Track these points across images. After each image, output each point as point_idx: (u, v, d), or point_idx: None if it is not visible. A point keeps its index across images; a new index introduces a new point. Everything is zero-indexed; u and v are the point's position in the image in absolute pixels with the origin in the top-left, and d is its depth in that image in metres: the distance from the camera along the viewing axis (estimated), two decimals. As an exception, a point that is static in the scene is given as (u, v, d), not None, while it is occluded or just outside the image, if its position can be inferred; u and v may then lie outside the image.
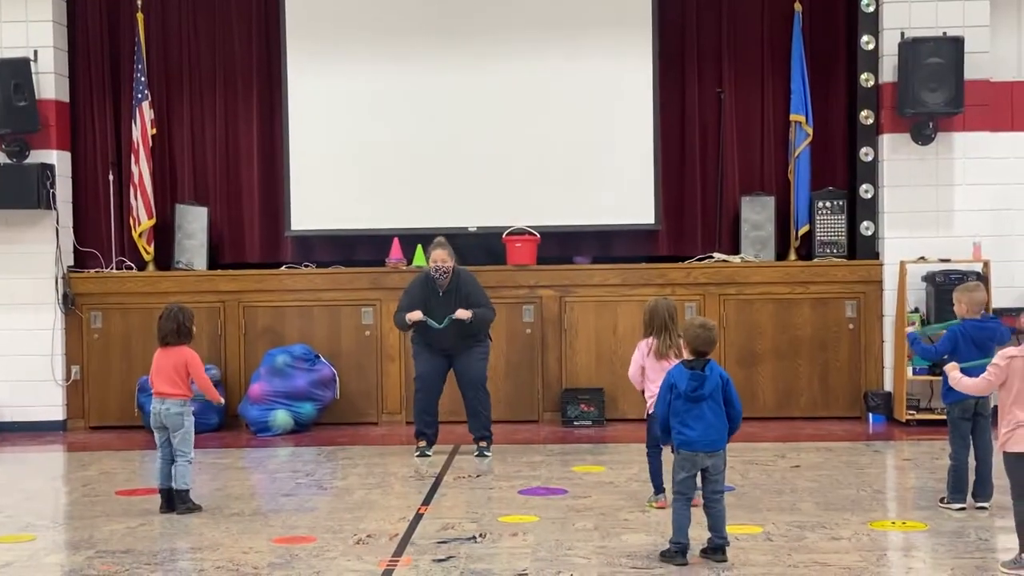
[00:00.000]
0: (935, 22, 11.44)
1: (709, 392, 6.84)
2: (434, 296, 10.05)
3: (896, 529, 7.60)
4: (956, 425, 8.17)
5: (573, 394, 11.70)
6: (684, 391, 6.85)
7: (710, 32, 12.43)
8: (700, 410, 6.85)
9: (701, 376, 6.85)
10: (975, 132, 11.54)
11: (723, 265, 11.91)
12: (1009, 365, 6.65)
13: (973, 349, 8.02)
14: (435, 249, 10.10)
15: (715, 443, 6.86)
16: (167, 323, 8.31)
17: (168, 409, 8.23)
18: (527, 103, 12.08)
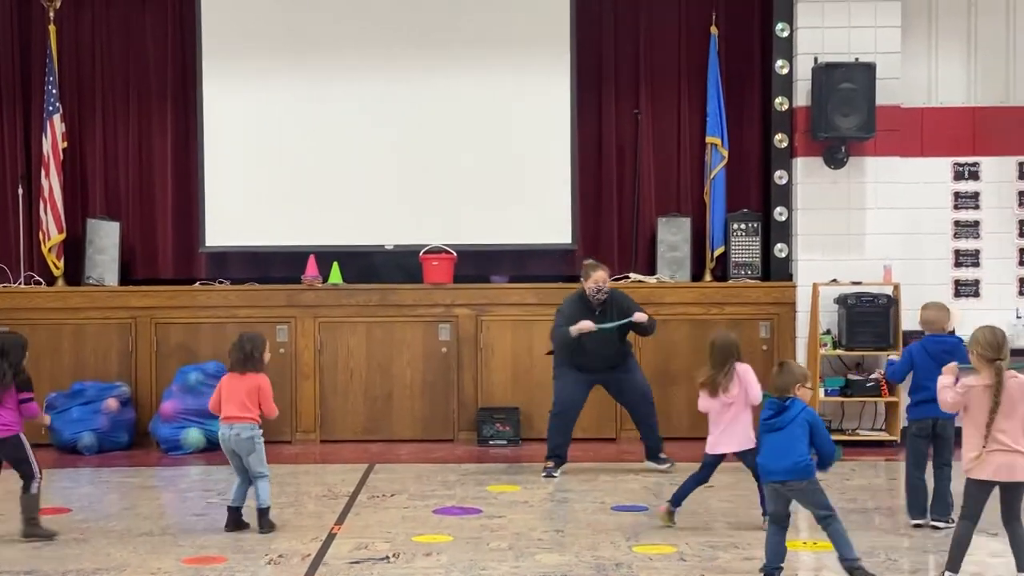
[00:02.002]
0: (848, 48, 11.61)
1: (786, 424, 6.86)
2: (590, 315, 10.03)
3: (807, 549, 7.67)
4: (911, 442, 8.29)
5: (489, 413, 11.68)
6: (763, 419, 6.94)
7: (627, 54, 12.51)
8: (778, 441, 6.86)
9: (781, 406, 6.90)
10: (886, 157, 11.72)
11: (639, 285, 11.96)
12: (967, 394, 6.70)
13: (933, 365, 8.05)
14: (596, 271, 10.13)
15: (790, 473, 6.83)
16: (236, 351, 8.28)
17: (238, 434, 8.16)
18: (445, 121, 12.07)
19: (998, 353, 6.60)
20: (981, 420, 6.62)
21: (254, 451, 8.19)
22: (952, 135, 12.02)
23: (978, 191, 12.03)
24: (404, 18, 12.09)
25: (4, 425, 8.00)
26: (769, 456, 6.93)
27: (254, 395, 8.21)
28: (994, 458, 6.61)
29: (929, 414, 8.10)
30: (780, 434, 6.88)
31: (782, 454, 6.86)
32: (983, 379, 6.65)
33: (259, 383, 8.24)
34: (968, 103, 12.04)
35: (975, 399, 6.66)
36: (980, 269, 12.03)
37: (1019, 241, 12.03)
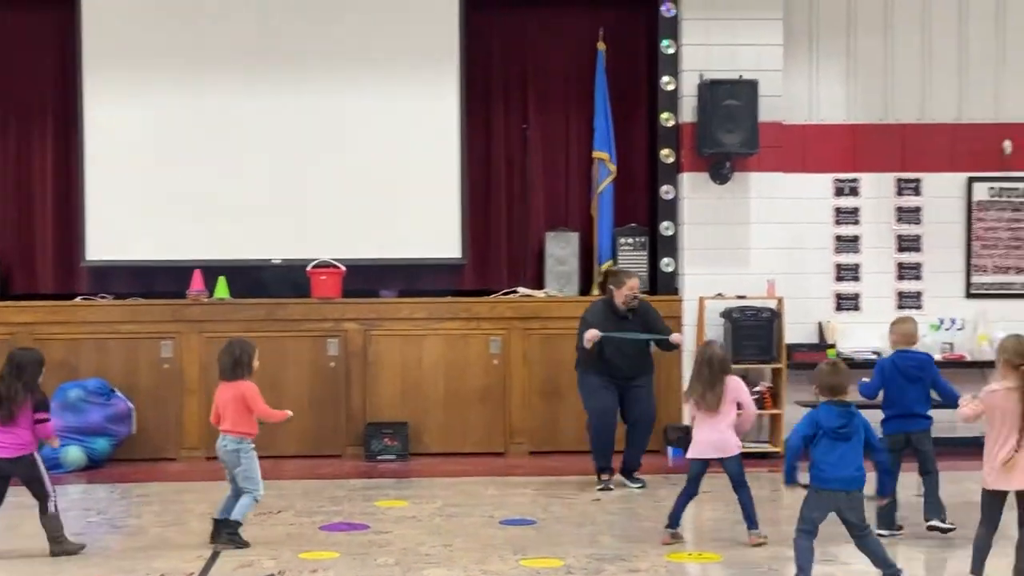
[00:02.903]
0: (732, 65, 11.78)
1: (853, 432, 6.81)
2: (621, 322, 10.08)
3: (692, 560, 7.74)
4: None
5: (377, 428, 11.62)
6: (832, 428, 6.82)
7: (516, 69, 12.57)
8: (844, 449, 6.80)
9: (849, 413, 6.84)
10: (769, 172, 11.91)
11: (528, 300, 12.01)
12: (988, 400, 6.81)
13: (903, 381, 8.19)
14: (631, 278, 10.21)
15: (853, 482, 6.83)
16: (225, 357, 8.11)
17: (226, 446, 8.04)
18: (333, 134, 12.01)
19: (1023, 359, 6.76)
20: (1005, 425, 6.72)
21: (240, 464, 8.03)
22: (833, 152, 12.25)
23: (858, 207, 12.27)
24: (292, 31, 12.01)
25: (19, 444, 7.77)
26: (835, 465, 6.81)
27: (241, 405, 8.04)
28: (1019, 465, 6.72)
29: (903, 429, 8.23)
30: (848, 443, 6.83)
31: (847, 463, 6.82)
32: (1005, 384, 6.78)
33: (244, 391, 8.04)
34: (848, 120, 12.29)
35: (999, 404, 6.77)
36: (860, 283, 12.27)
37: (897, 256, 12.29)
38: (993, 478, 6.80)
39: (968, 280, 12.28)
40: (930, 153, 12.27)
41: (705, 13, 11.89)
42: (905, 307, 12.18)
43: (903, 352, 8.33)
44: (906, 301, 12.24)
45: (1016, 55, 12.33)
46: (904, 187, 12.29)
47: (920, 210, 12.30)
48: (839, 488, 6.81)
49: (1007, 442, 6.72)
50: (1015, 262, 12.27)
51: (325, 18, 12.03)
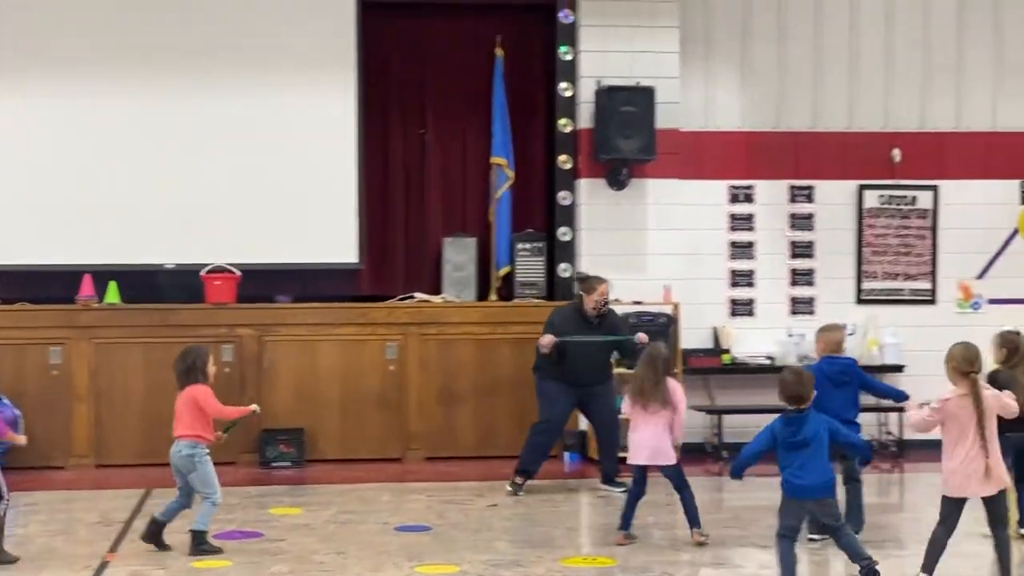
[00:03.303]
0: (630, 72, 11.85)
1: (810, 439, 6.81)
2: (587, 326, 10.08)
3: (587, 565, 7.75)
4: None
5: (272, 435, 11.49)
6: (783, 438, 6.85)
7: (413, 74, 12.53)
8: (804, 458, 6.80)
9: (798, 420, 6.85)
10: (666, 179, 12.00)
11: (425, 305, 11.96)
12: (942, 410, 6.88)
13: (830, 387, 8.19)
14: (601, 284, 10.14)
15: (821, 491, 6.84)
16: (178, 365, 8.07)
17: (179, 451, 7.95)
18: (229, 138, 11.85)
19: (972, 366, 6.86)
20: (963, 433, 6.80)
21: (195, 470, 7.92)
22: (728, 159, 12.38)
23: (752, 213, 12.41)
24: (189, 32, 11.83)
25: None
26: (800, 474, 6.84)
27: (194, 408, 7.95)
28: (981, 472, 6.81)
29: None
30: (807, 450, 6.85)
31: (813, 471, 6.84)
32: (957, 391, 6.87)
33: (195, 394, 7.96)
34: (743, 128, 12.42)
35: (952, 413, 6.85)
36: (754, 289, 12.40)
37: (791, 262, 12.45)
38: (954, 485, 6.89)
39: (859, 286, 12.47)
40: (822, 161, 12.45)
41: (602, 20, 11.95)
42: (798, 313, 12.36)
43: (830, 359, 8.42)
44: (799, 307, 12.40)
45: (905, 65, 12.56)
46: (797, 194, 12.46)
47: (813, 217, 12.47)
48: (807, 497, 6.87)
49: (964, 448, 6.81)
50: (904, 268, 12.49)
51: (221, 19, 11.88)
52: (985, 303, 12.54)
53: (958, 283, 12.56)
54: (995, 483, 6.85)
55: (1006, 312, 12.37)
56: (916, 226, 12.53)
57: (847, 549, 6.98)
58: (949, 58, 12.59)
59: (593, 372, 10.18)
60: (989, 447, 6.80)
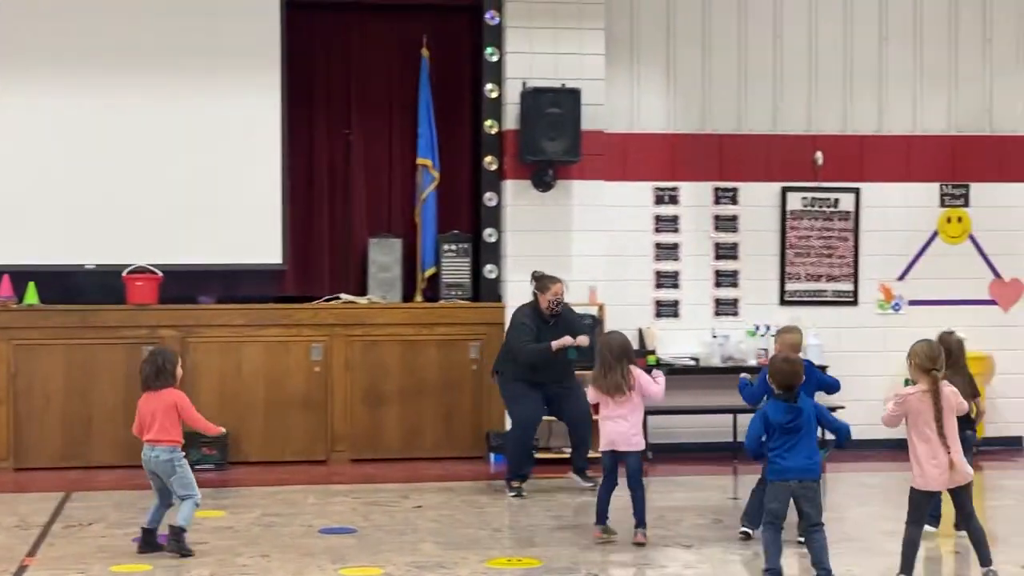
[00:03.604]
0: (555, 74, 11.86)
1: (804, 423, 6.96)
2: (544, 326, 10.19)
3: (512, 566, 7.74)
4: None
5: (195, 437, 11.31)
6: (780, 423, 6.94)
7: (339, 74, 12.45)
8: (795, 441, 6.94)
9: (796, 408, 6.97)
10: (591, 180, 12.02)
11: (350, 306, 11.90)
12: (904, 404, 6.98)
13: None
14: (555, 283, 10.29)
15: (806, 471, 6.96)
16: (148, 366, 8.03)
17: (157, 456, 7.93)
18: (151, 137, 11.68)
19: (934, 364, 6.99)
20: (926, 428, 6.92)
21: (175, 474, 7.94)
22: (653, 160, 12.42)
23: (677, 215, 12.46)
24: (106, 33, 11.64)
25: None
26: (785, 455, 6.98)
27: (172, 413, 7.94)
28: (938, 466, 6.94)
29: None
30: (798, 434, 6.99)
31: (798, 453, 6.98)
32: (920, 387, 6.99)
33: (175, 400, 7.97)
34: (667, 130, 12.48)
35: (914, 408, 6.96)
36: (679, 290, 12.46)
37: (715, 263, 12.52)
38: (923, 480, 7.00)
39: (782, 287, 12.58)
40: (746, 163, 12.54)
41: (528, 22, 11.95)
42: (722, 314, 12.44)
43: None
44: (723, 308, 12.49)
45: (827, 69, 12.68)
46: (722, 196, 12.54)
47: (737, 219, 12.56)
48: (792, 478, 6.97)
49: (927, 444, 6.93)
50: (826, 270, 12.61)
51: (142, 17, 11.71)
52: (905, 304, 12.69)
53: (879, 284, 12.70)
54: (960, 476, 7.00)
55: (926, 313, 12.57)
56: (838, 228, 12.66)
57: (814, 551, 7.03)
58: (870, 62, 12.74)
59: (555, 371, 10.25)
60: (950, 442, 6.94)
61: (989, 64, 12.86)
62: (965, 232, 12.82)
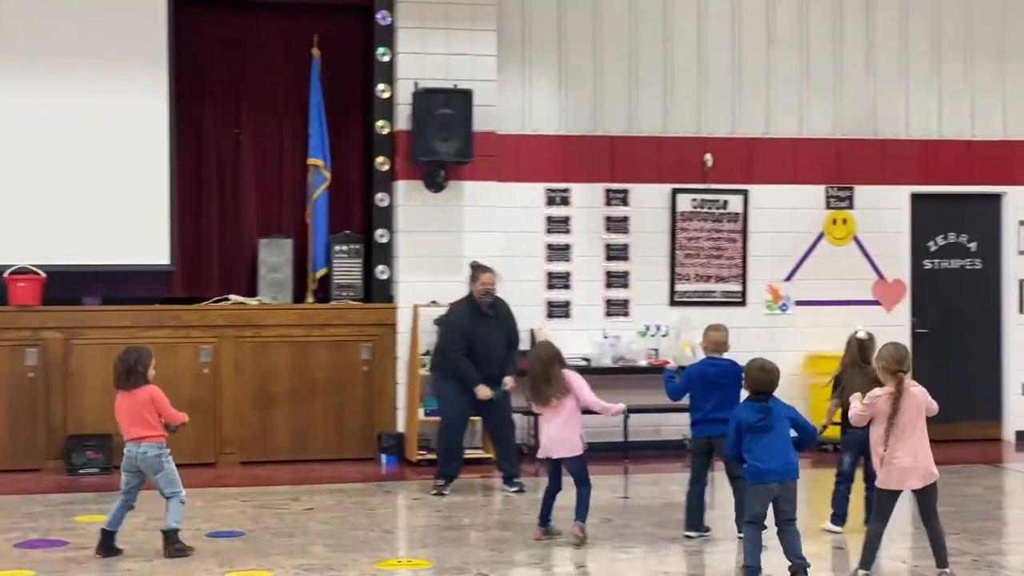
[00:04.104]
0: (447, 74, 11.86)
1: (775, 423, 7.03)
2: (480, 319, 10.20)
3: (402, 567, 7.73)
4: (691, 459, 8.58)
5: (79, 441, 11.17)
6: (750, 423, 7.03)
7: (229, 73, 12.32)
8: (768, 441, 7.01)
9: (766, 408, 7.06)
10: (484, 181, 12.03)
11: (240, 307, 11.78)
12: (873, 405, 7.08)
13: (707, 386, 8.37)
14: (484, 273, 10.28)
15: (786, 473, 7.05)
16: (120, 365, 8.02)
17: (145, 453, 7.90)
18: (36, 136, 11.44)
19: (900, 365, 7.11)
20: (892, 428, 7.04)
21: (162, 470, 7.92)
22: (545, 161, 12.48)
23: (569, 216, 12.53)
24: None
25: None
26: (764, 456, 7.07)
27: (150, 408, 7.94)
28: (900, 465, 7.04)
29: (704, 433, 8.39)
30: (771, 434, 7.07)
31: (777, 454, 7.07)
32: (888, 389, 7.09)
33: (151, 393, 7.98)
34: (560, 131, 12.54)
35: (882, 409, 7.06)
36: (570, 291, 12.53)
37: (606, 264, 12.60)
38: (884, 478, 7.10)
39: (672, 288, 12.70)
40: (637, 165, 12.65)
41: (420, 22, 11.94)
42: (613, 314, 12.53)
43: (711, 359, 8.55)
44: (614, 308, 12.57)
45: (717, 73, 12.83)
46: (613, 197, 12.63)
47: (628, 220, 12.65)
48: (772, 480, 7.07)
49: (895, 443, 7.04)
50: (715, 271, 12.76)
51: (29, 15, 11.47)
52: (792, 305, 12.89)
53: (767, 285, 12.89)
54: (925, 476, 7.11)
55: (812, 313, 12.79)
56: (727, 230, 12.82)
57: (789, 543, 7.13)
58: (758, 66, 12.92)
59: (495, 371, 10.23)
60: (918, 442, 7.07)
61: (873, 69, 13.12)
62: (850, 234, 13.06)
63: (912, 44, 13.18)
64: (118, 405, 8.07)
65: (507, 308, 10.57)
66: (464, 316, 10.33)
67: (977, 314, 13.25)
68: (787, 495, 7.13)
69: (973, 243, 13.37)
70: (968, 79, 13.27)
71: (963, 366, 13.08)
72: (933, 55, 13.21)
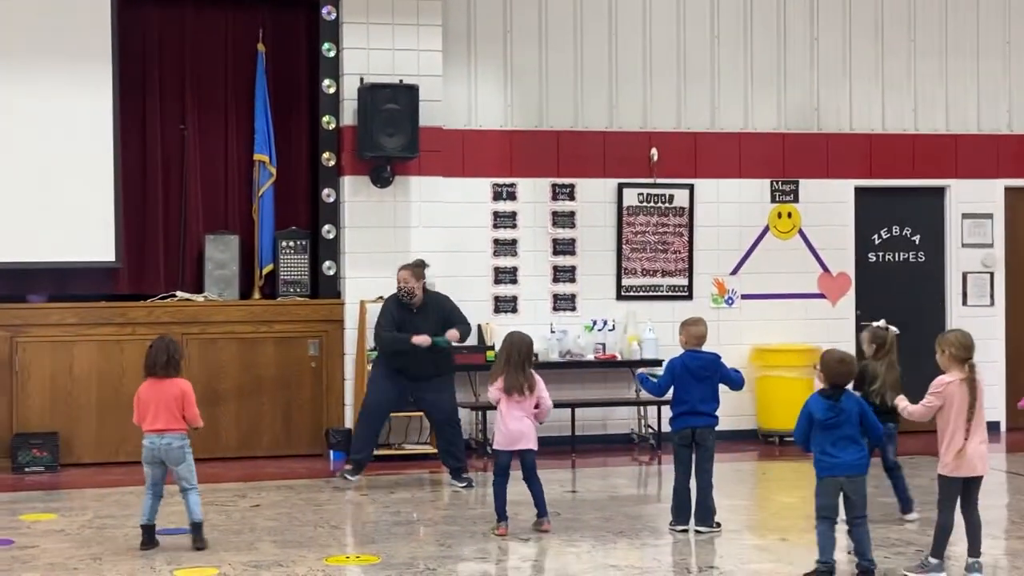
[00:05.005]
0: (392, 70, 11.86)
1: (845, 420, 6.98)
2: (408, 314, 10.13)
3: (351, 563, 7.74)
4: (676, 452, 8.52)
5: (24, 439, 11.09)
6: (820, 420, 6.99)
7: (173, 68, 12.23)
8: (838, 436, 6.98)
9: (838, 408, 7.00)
10: (430, 176, 12.04)
11: (186, 304, 11.73)
12: (944, 392, 7.05)
13: (691, 380, 8.39)
14: (399, 271, 10.29)
15: (854, 467, 7.03)
16: (159, 354, 7.98)
17: (169, 444, 7.93)
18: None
19: (969, 353, 7.10)
20: (959, 416, 7.01)
21: (184, 461, 7.98)
22: (491, 157, 12.50)
23: (515, 211, 12.56)
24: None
25: None
26: (833, 451, 7.04)
27: (180, 402, 7.96)
28: (979, 452, 7.05)
29: (688, 424, 8.43)
30: (839, 430, 7.03)
31: (842, 449, 7.05)
32: (957, 376, 7.06)
33: (184, 389, 8.01)
34: (506, 126, 12.56)
35: (951, 397, 7.03)
36: (518, 286, 12.56)
37: (553, 259, 12.65)
38: (957, 466, 7.08)
39: (619, 282, 12.76)
40: (584, 159, 12.70)
41: (365, 17, 11.92)
42: (560, 309, 12.58)
43: (693, 352, 8.57)
44: (561, 303, 12.63)
45: (661, 68, 12.91)
46: (559, 192, 12.67)
47: (574, 214, 12.71)
48: (840, 474, 7.06)
49: (961, 431, 7.03)
50: (661, 265, 12.84)
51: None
52: (738, 298, 13.00)
53: (713, 279, 12.98)
54: (983, 464, 7.15)
55: (758, 307, 12.90)
56: (673, 224, 12.90)
57: (858, 541, 7.12)
58: (703, 61, 13.01)
59: (425, 365, 10.19)
60: (979, 430, 7.08)
61: (816, 63, 13.25)
62: (795, 227, 13.18)
63: (855, 39, 13.32)
64: (145, 392, 8.03)
65: (441, 301, 10.51)
66: (393, 307, 10.36)
67: (922, 307, 13.39)
68: (856, 490, 7.12)
69: (917, 236, 13.53)
70: (910, 74, 13.43)
71: (908, 359, 13.17)
72: (875, 50, 13.36)
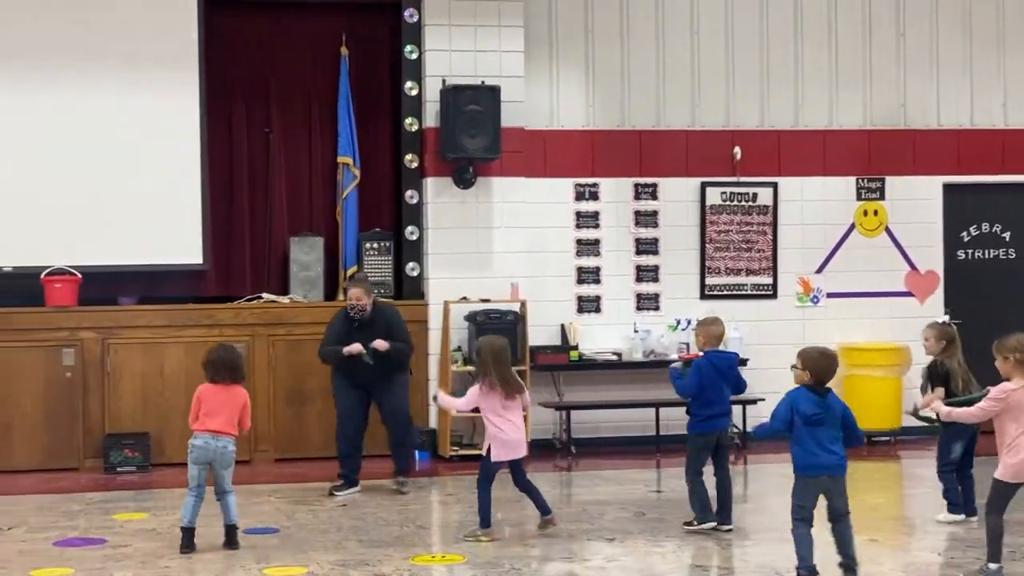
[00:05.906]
0: (474, 71, 11.90)
1: (830, 418, 6.94)
2: (353, 330, 10.01)
3: (436, 563, 7.78)
4: (697, 454, 8.47)
5: (117, 439, 11.28)
6: (808, 415, 6.91)
7: (258, 73, 12.38)
8: (821, 434, 6.92)
9: (825, 404, 6.95)
10: (512, 177, 12.07)
11: (272, 305, 11.86)
12: (1008, 398, 7.05)
13: (718, 378, 8.36)
14: (351, 288, 10.12)
15: (838, 467, 6.96)
16: (227, 362, 8.21)
17: (224, 447, 8.10)
18: (70, 138, 11.54)
19: None
20: (1020, 421, 6.98)
21: (231, 466, 8.18)
22: (573, 157, 12.49)
23: (598, 211, 12.55)
24: (24, 32, 11.51)
25: None
26: (818, 450, 6.97)
27: (240, 410, 8.16)
28: None
29: (717, 427, 8.42)
30: (823, 427, 6.97)
31: (829, 447, 6.98)
32: (1020, 384, 7.05)
33: (246, 399, 8.24)
34: (587, 126, 12.55)
35: (1017, 402, 7.02)
36: (600, 286, 12.54)
37: (636, 259, 12.62)
38: (1013, 472, 7.04)
39: (703, 281, 12.71)
40: (666, 159, 12.65)
41: (447, 19, 11.98)
42: (643, 309, 12.55)
43: (716, 352, 8.54)
44: (644, 303, 12.59)
45: (744, 65, 12.82)
46: (642, 192, 12.64)
47: (657, 214, 12.66)
48: (822, 474, 6.99)
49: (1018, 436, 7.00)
50: (745, 264, 12.76)
51: (61, 16, 11.57)
52: (824, 297, 12.88)
53: (798, 278, 12.87)
54: None
55: (844, 306, 12.78)
56: (757, 222, 12.81)
57: (842, 540, 7.06)
58: (787, 58, 12.91)
59: (363, 373, 10.07)
60: None
61: (902, 59, 13.09)
62: (881, 225, 13.03)
63: (942, 34, 13.13)
64: (210, 396, 8.15)
65: (389, 316, 10.26)
66: (339, 322, 10.20)
67: (1012, 304, 13.15)
68: (837, 489, 7.05)
69: (1007, 233, 13.32)
70: (1000, 68, 13.21)
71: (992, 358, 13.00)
72: (964, 45, 13.16)
